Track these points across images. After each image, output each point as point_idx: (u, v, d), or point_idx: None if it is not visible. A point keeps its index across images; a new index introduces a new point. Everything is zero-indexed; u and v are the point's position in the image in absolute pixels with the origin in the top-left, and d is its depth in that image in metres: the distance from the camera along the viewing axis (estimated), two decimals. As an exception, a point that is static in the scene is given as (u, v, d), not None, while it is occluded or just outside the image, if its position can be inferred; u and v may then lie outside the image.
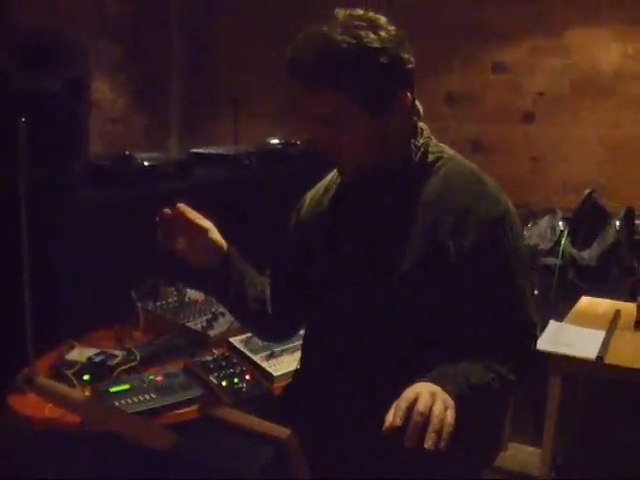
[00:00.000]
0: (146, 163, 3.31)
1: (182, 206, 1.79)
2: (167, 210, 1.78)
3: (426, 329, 1.75)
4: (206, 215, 1.88)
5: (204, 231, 1.81)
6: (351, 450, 1.75)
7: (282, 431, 1.39)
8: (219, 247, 1.84)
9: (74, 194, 2.89)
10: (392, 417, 1.43)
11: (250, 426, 1.42)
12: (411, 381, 1.61)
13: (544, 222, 3.80)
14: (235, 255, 1.89)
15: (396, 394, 1.68)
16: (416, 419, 1.42)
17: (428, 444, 1.39)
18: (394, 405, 1.47)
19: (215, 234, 1.84)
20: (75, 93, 2.75)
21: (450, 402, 1.51)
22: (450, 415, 1.46)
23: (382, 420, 1.53)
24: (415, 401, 1.45)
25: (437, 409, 1.45)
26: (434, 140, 1.85)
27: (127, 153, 3.29)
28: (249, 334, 2.68)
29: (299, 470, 1.41)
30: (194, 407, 2.29)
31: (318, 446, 1.66)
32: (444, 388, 1.54)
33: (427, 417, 1.43)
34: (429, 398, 1.47)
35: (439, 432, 1.41)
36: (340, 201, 1.92)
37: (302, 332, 2.12)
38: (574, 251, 3.67)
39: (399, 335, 1.76)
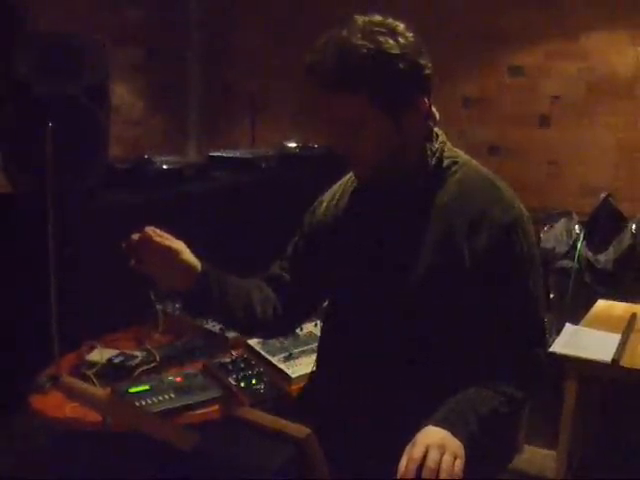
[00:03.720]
0: (165, 166, 3.35)
1: (150, 230, 1.73)
2: (134, 236, 1.72)
3: (440, 331, 1.77)
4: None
5: (175, 252, 1.75)
6: (368, 450, 1.77)
7: (302, 430, 1.40)
8: (192, 267, 1.78)
9: (94, 197, 2.92)
10: (402, 475, 1.50)
11: (270, 425, 1.44)
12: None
13: (560, 225, 3.80)
14: (212, 272, 1.83)
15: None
16: (426, 476, 1.48)
17: None
18: (404, 461, 1.52)
19: (186, 254, 1.77)
20: (95, 98, 2.78)
21: (459, 450, 1.57)
22: (458, 466, 1.53)
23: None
24: (425, 456, 1.51)
25: (445, 462, 1.51)
26: (449, 145, 1.87)
27: (146, 156, 3.32)
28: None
29: (318, 469, 1.43)
30: (212, 407, 2.33)
31: (335, 446, 1.69)
32: (453, 432, 1.60)
33: (436, 471, 1.50)
34: (437, 451, 1.52)
35: None
36: (356, 204, 1.94)
37: (319, 334, 2.15)
38: (590, 254, 3.67)
39: (414, 337, 1.78)
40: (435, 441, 1.55)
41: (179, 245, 1.76)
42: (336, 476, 1.56)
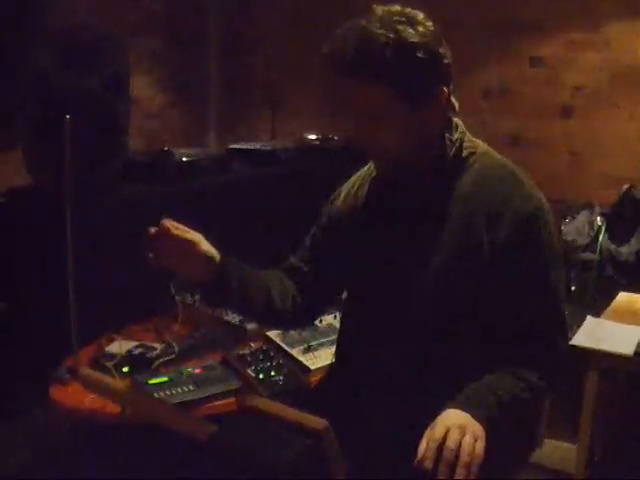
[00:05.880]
0: (185, 159, 3.34)
1: (167, 222, 1.74)
2: (152, 229, 1.73)
3: (459, 322, 1.77)
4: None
5: (193, 244, 1.76)
6: (385, 443, 1.77)
7: (319, 422, 1.40)
8: (211, 258, 1.79)
9: (114, 189, 2.92)
10: (423, 455, 1.49)
11: (287, 417, 1.44)
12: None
13: (582, 217, 3.76)
14: (230, 263, 1.84)
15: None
16: (446, 457, 1.48)
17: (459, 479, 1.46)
18: (424, 441, 1.52)
19: (205, 245, 1.78)
20: (114, 90, 2.78)
21: (479, 432, 1.56)
22: (479, 447, 1.52)
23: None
24: (445, 437, 1.51)
25: (466, 443, 1.51)
26: (468, 135, 1.86)
27: (166, 149, 3.32)
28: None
29: (335, 461, 1.42)
30: (231, 399, 2.33)
31: (352, 439, 1.68)
32: (474, 414, 1.59)
33: (457, 452, 1.49)
34: (458, 433, 1.52)
35: (469, 466, 1.47)
36: (375, 195, 1.94)
37: (338, 326, 2.15)
38: (612, 246, 3.63)
39: (433, 328, 1.78)
40: (456, 423, 1.54)
41: (197, 236, 1.77)
42: (353, 468, 1.56)
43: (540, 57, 4.06)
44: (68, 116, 1.80)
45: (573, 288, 3.62)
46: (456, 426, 1.53)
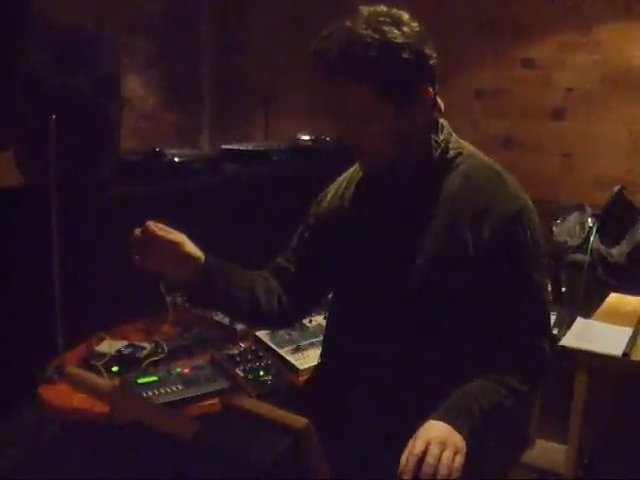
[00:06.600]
0: (176, 159, 3.34)
1: (151, 224, 1.74)
2: (137, 231, 1.73)
3: (444, 322, 1.77)
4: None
5: (177, 245, 1.75)
6: (370, 441, 1.77)
7: (300, 420, 1.41)
8: (196, 259, 1.78)
9: (105, 189, 2.92)
10: (403, 469, 1.51)
11: (268, 415, 1.44)
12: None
13: (573, 218, 3.78)
14: (215, 264, 1.84)
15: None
16: (426, 471, 1.50)
17: None
18: (405, 455, 1.54)
19: (189, 246, 1.77)
20: (106, 91, 2.78)
21: (460, 445, 1.57)
22: (458, 461, 1.54)
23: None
24: (425, 452, 1.52)
25: (445, 457, 1.53)
26: (454, 136, 1.87)
27: (157, 149, 3.32)
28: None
29: (316, 460, 1.43)
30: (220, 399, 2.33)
31: (339, 437, 1.69)
32: (455, 426, 1.61)
33: (437, 466, 1.51)
34: (438, 447, 1.54)
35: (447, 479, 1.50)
36: (361, 195, 1.95)
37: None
38: (603, 248, 3.64)
39: (418, 328, 1.78)
40: (436, 436, 1.56)
41: (181, 237, 1.77)
42: (339, 467, 1.56)
43: (532, 59, 4.08)
44: (54, 116, 1.80)
45: (564, 289, 3.63)
46: (437, 440, 1.55)
